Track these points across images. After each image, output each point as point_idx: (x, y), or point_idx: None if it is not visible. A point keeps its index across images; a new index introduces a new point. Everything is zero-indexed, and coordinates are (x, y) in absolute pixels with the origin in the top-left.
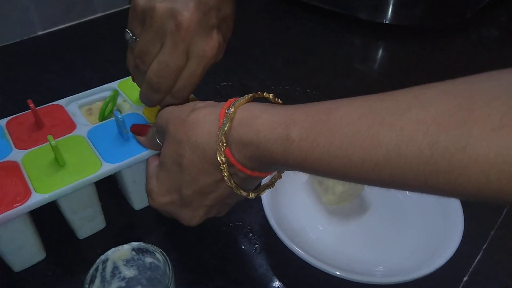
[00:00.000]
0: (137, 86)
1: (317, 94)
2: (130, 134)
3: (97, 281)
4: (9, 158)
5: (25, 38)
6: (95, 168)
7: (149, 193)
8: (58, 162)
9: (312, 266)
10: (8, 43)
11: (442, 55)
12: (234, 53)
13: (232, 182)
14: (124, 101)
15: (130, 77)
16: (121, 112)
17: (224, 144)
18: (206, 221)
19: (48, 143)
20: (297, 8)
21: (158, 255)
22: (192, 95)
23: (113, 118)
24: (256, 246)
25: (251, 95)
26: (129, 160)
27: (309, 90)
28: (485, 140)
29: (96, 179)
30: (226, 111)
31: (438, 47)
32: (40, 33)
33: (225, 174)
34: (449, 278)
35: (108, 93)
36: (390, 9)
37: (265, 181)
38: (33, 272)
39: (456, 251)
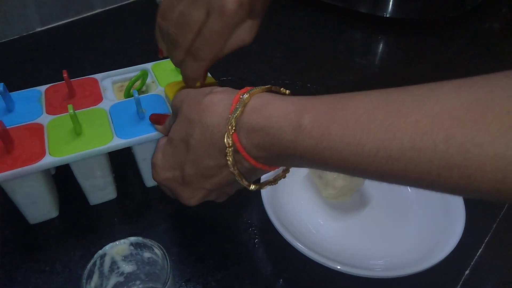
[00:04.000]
0: (166, 69)
1: (317, 88)
2: (146, 114)
3: (95, 277)
4: (37, 120)
5: (24, 34)
6: (106, 141)
7: (153, 166)
8: (75, 131)
9: (312, 260)
10: (7, 39)
11: (443, 48)
12: None
13: (235, 168)
14: (153, 82)
15: (164, 60)
16: (147, 92)
17: (233, 128)
18: (205, 215)
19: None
20: (296, 2)
21: (157, 250)
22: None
23: (144, 96)
24: (256, 240)
25: (268, 86)
26: (139, 138)
27: (309, 84)
28: (504, 137)
29: (105, 151)
30: (241, 96)
31: (439, 40)
32: (38, 29)
33: (229, 160)
34: (451, 272)
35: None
36: (390, 2)
37: (268, 177)
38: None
39: (457, 245)
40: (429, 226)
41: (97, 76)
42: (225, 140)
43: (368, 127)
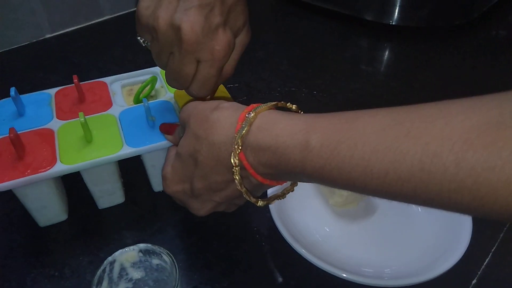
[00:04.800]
0: None
1: (324, 95)
2: (156, 122)
3: (105, 283)
4: (48, 126)
5: (34, 41)
6: (116, 149)
7: (163, 178)
8: (86, 138)
9: (319, 268)
10: (17, 46)
11: (449, 56)
12: None
13: (243, 186)
14: (162, 87)
15: None
16: (157, 97)
17: (240, 147)
18: (212, 223)
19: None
20: (302, 9)
21: (165, 257)
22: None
23: (154, 102)
24: (262, 248)
25: (274, 103)
26: (148, 146)
27: (315, 91)
28: None
29: (115, 159)
30: (247, 115)
31: (445, 48)
32: (48, 36)
33: (237, 178)
34: (458, 281)
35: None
36: (396, 10)
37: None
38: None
39: (464, 254)
40: (436, 235)
41: (106, 79)
42: (232, 160)
43: (376, 149)
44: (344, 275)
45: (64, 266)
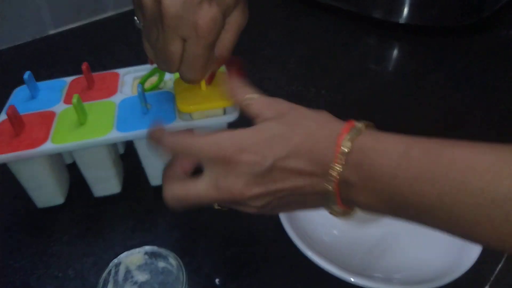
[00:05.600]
0: None
1: (332, 95)
2: (151, 109)
3: (110, 285)
4: (52, 108)
5: (37, 37)
6: (104, 133)
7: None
8: (80, 121)
9: (327, 272)
10: (20, 42)
11: (459, 55)
12: (247, 52)
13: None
14: (170, 79)
15: None
16: (165, 88)
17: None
18: (219, 225)
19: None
20: (309, 7)
21: (172, 260)
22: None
23: (156, 91)
24: (270, 251)
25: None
26: (137, 132)
27: (323, 90)
28: None
29: (102, 143)
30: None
31: (455, 48)
32: (51, 32)
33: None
34: (470, 287)
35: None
36: (405, 9)
37: None
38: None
39: (476, 260)
40: (448, 240)
41: (120, 70)
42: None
43: (475, 167)
44: (352, 279)
45: (68, 267)
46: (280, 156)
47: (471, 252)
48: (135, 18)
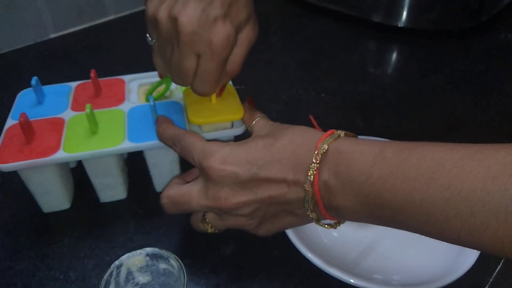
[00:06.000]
0: None
1: (332, 98)
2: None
3: (112, 287)
4: (60, 115)
5: (38, 41)
6: (116, 143)
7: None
8: (91, 129)
9: (327, 274)
10: (21, 46)
11: (458, 59)
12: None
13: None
14: (176, 88)
15: None
16: (170, 98)
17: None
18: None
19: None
20: (309, 11)
21: (173, 262)
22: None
23: (164, 101)
24: (270, 253)
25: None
26: (148, 143)
27: (323, 94)
28: None
29: (114, 153)
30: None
31: (454, 51)
32: (52, 35)
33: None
34: None
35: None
36: (405, 13)
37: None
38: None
39: (476, 261)
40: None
41: (125, 77)
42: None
43: (443, 164)
44: (352, 280)
45: (69, 269)
46: (260, 165)
47: (469, 254)
48: (147, 35)
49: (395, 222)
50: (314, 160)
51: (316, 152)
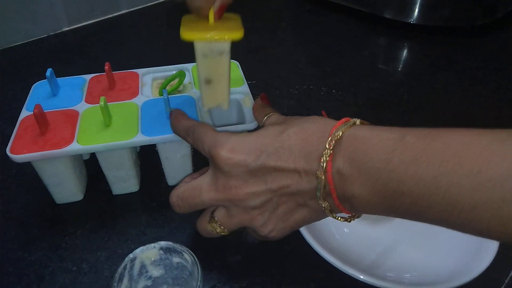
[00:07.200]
0: None
1: (343, 94)
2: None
3: (125, 280)
4: (75, 107)
5: (51, 34)
6: (130, 136)
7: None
8: (105, 122)
9: (339, 270)
10: (34, 38)
11: (471, 57)
12: (257, 52)
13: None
14: (190, 83)
15: None
16: (184, 92)
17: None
18: None
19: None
20: (320, 7)
21: (186, 255)
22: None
23: (177, 95)
24: (282, 248)
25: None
26: (162, 137)
27: (334, 90)
28: None
29: (127, 145)
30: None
31: (467, 49)
32: (65, 29)
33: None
34: None
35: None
36: (417, 9)
37: None
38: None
39: (491, 263)
40: (462, 242)
41: (140, 71)
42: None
43: (470, 147)
44: (363, 277)
45: (82, 261)
46: (270, 152)
47: (485, 255)
48: None
49: (414, 212)
50: (327, 146)
51: (330, 138)
